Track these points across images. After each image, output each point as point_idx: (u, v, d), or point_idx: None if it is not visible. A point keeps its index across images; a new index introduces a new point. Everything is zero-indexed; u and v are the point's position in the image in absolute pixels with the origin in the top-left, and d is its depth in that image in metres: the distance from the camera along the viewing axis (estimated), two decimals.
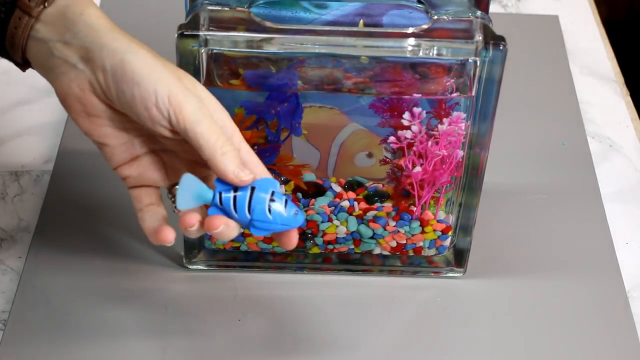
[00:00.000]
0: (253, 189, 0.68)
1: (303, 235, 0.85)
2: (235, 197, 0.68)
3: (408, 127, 0.78)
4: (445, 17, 0.75)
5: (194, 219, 0.69)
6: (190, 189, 0.69)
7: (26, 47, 0.69)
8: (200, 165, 0.71)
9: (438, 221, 0.84)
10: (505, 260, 0.90)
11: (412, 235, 0.85)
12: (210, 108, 0.69)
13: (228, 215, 0.69)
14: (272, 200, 0.68)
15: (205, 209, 0.71)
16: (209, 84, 0.75)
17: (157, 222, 0.71)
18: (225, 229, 0.69)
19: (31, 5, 0.68)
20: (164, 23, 0.89)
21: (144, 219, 0.72)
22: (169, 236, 0.70)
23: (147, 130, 0.70)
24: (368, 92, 0.77)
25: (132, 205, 0.73)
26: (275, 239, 0.71)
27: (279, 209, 0.68)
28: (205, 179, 0.71)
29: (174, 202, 0.71)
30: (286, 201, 0.69)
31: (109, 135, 0.70)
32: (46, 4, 0.69)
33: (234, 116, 0.78)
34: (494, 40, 0.74)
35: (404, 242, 0.85)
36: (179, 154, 0.72)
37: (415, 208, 0.83)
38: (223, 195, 0.68)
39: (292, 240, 0.70)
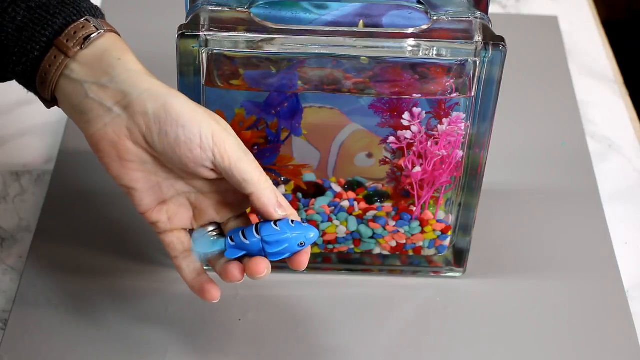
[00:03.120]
0: (258, 223, 0.71)
1: None
2: (243, 230, 0.71)
3: (408, 128, 0.78)
4: (445, 18, 0.75)
5: (239, 271, 0.71)
6: (204, 239, 0.72)
7: (57, 86, 0.70)
8: (227, 207, 0.73)
9: (438, 221, 0.85)
10: (505, 260, 0.90)
11: (412, 235, 0.85)
12: (243, 146, 0.71)
13: (241, 248, 0.71)
14: (278, 220, 0.71)
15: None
16: (209, 84, 0.76)
17: (197, 274, 0.73)
18: (267, 272, 0.71)
19: (69, 45, 0.69)
20: (164, 23, 0.89)
21: (181, 268, 0.73)
22: (216, 295, 0.73)
23: (176, 173, 0.71)
24: (368, 93, 0.78)
25: (167, 252, 0.74)
26: (287, 261, 0.72)
27: (286, 222, 0.70)
28: (228, 222, 0.74)
29: None
30: (292, 220, 0.71)
31: (139, 179, 0.71)
32: (83, 46, 0.69)
33: (234, 116, 0.78)
34: (493, 40, 0.74)
35: (404, 242, 0.86)
36: (206, 195, 0.73)
37: (415, 208, 0.83)
38: (233, 235, 0.71)
39: (303, 260, 0.71)
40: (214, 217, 0.73)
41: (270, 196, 0.70)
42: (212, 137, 0.68)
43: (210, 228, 0.74)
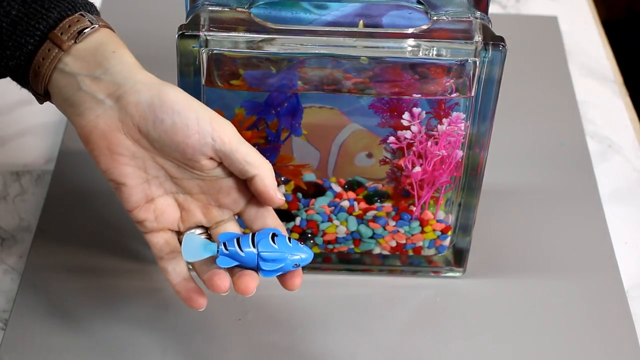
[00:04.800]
0: (254, 233, 0.71)
1: (303, 235, 0.85)
2: (238, 239, 0.70)
3: (408, 128, 0.78)
4: (445, 18, 0.75)
5: (226, 283, 0.70)
6: (195, 243, 0.71)
7: (50, 80, 0.70)
8: (215, 210, 0.73)
9: (438, 221, 0.85)
10: (505, 260, 0.90)
11: (412, 235, 0.85)
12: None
13: (235, 259, 0.70)
14: (275, 235, 0.70)
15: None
16: (209, 84, 0.76)
17: (183, 279, 0.72)
18: (255, 288, 0.70)
19: (63, 39, 0.69)
20: (165, 23, 0.89)
21: (167, 270, 0.73)
22: (203, 303, 0.72)
23: (165, 173, 0.70)
24: (368, 93, 0.78)
25: (152, 253, 0.73)
26: (279, 280, 0.72)
27: (283, 240, 0.70)
28: (214, 227, 0.73)
29: None
30: (289, 238, 0.71)
31: (129, 174, 0.70)
32: (78, 39, 0.69)
33: (234, 116, 0.78)
34: (493, 40, 0.74)
35: (404, 242, 0.86)
36: (194, 196, 0.73)
37: (414, 208, 0.83)
38: (227, 243, 0.70)
39: (297, 281, 0.71)
40: (201, 220, 0.73)
41: (273, 178, 0.70)
42: (211, 122, 0.68)
43: (198, 231, 0.73)
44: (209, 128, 0.68)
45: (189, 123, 0.68)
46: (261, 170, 0.69)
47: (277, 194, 0.70)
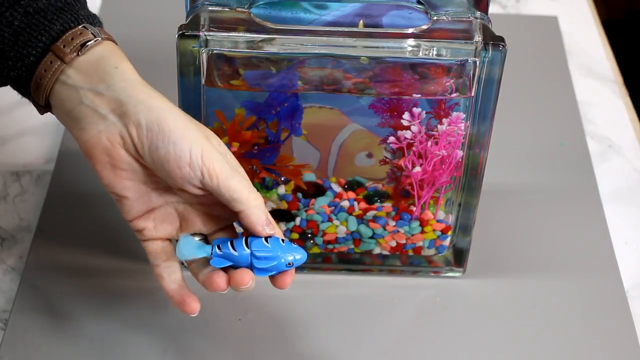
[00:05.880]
0: (247, 236, 0.71)
1: (303, 235, 0.85)
2: (232, 241, 0.71)
3: (408, 128, 0.78)
4: (445, 18, 0.75)
5: (225, 281, 0.71)
6: (190, 243, 0.72)
7: (52, 91, 0.70)
8: (214, 219, 0.73)
9: (438, 221, 0.85)
10: (505, 260, 0.90)
11: (412, 235, 0.85)
12: (233, 163, 0.71)
13: (228, 259, 0.71)
14: (268, 237, 0.71)
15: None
16: (209, 84, 0.76)
17: (178, 285, 0.73)
18: (252, 284, 0.71)
19: (65, 51, 0.69)
20: (165, 24, 0.89)
21: (162, 277, 0.73)
22: (196, 308, 0.73)
23: (165, 183, 0.71)
24: (368, 93, 0.78)
25: (148, 259, 0.74)
26: (270, 279, 0.72)
27: (276, 241, 0.71)
28: (214, 233, 0.74)
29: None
30: (283, 239, 0.71)
31: (130, 188, 0.71)
32: (80, 52, 0.69)
33: (234, 116, 0.78)
34: (493, 40, 0.74)
35: (404, 242, 0.86)
36: (194, 206, 0.73)
37: (415, 208, 0.83)
38: (221, 245, 0.71)
39: (288, 280, 0.72)
40: (200, 229, 0.74)
41: (259, 214, 0.70)
42: (202, 156, 0.68)
43: (197, 238, 0.74)
44: (200, 162, 0.68)
45: (182, 155, 0.68)
46: (247, 206, 0.70)
47: (265, 228, 0.71)
